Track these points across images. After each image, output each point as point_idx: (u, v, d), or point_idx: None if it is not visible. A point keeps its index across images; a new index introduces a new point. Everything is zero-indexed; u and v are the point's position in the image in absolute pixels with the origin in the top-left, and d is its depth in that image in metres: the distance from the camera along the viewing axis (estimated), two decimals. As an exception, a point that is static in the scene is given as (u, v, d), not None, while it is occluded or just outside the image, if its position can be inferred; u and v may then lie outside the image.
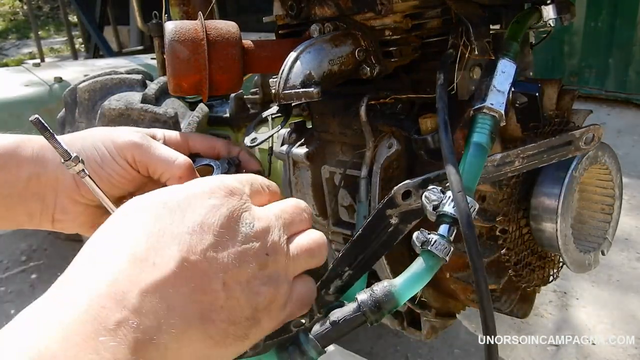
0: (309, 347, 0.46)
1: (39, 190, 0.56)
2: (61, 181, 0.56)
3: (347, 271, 0.58)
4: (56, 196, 0.57)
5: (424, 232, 0.52)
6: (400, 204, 0.59)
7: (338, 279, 0.58)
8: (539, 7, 0.72)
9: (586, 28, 4.68)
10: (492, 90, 0.63)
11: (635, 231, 2.65)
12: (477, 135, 0.61)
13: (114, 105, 1.47)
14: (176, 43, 0.67)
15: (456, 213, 0.52)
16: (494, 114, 0.62)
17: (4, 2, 13.39)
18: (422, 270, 0.51)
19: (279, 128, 0.76)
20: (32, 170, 0.55)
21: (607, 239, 0.79)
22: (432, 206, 0.55)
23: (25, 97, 2.44)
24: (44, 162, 0.55)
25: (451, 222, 0.53)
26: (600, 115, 4.46)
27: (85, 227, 0.60)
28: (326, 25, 0.77)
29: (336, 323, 0.48)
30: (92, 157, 0.56)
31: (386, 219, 0.59)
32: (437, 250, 0.51)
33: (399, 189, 0.59)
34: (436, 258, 0.51)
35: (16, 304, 2.53)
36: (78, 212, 0.58)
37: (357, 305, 0.49)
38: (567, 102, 0.77)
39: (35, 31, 6.50)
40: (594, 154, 0.72)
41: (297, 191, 0.91)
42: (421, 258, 0.52)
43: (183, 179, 0.57)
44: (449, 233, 0.53)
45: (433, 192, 0.55)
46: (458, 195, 0.52)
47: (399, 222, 0.59)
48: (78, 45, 7.38)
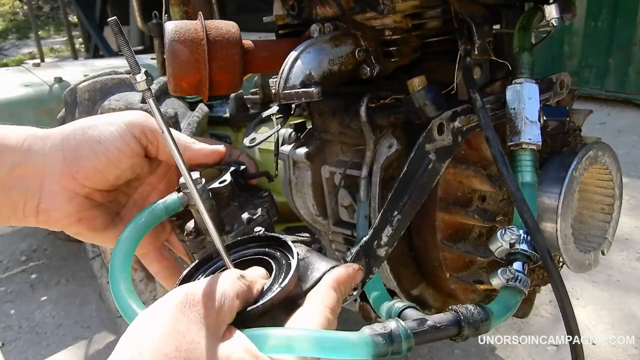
0: (403, 340, 0.47)
1: (23, 180, 0.53)
2: (49, 168, 0.54)
3: (396, 216, 0.62)
4: (42, 184, 0.54)
5: (510, 270, 0.59)
6: (437, 139, 0.64)
7: (389, 225, 0.62)
8: (541, 7, 0.72)
9: (586, 28, 4.68)
10: (526, 122, 0.65)
11: (635, 231, 2.65)
12: (524, 176, 0.64)
13: (114, 105, 1.47)
14: (176, 43, 0.67)
15: (530, 250, 0.60)
16: (533, 147, 0.64)
17: (4, 2, 13.39)
18: (512, 303, 0.59)
19: (278, 128, 0.76)
20: (16, 159, 0.53)
21: (607, 239, 0.79)
22: (510, 244, 0.61)
23: (25, 97, 2.44)
24: (30, 151, 0.53)
25: (525, 259, 0.60)
26: (600, 115, 4.46)
27: (71, 219, 0.56)
28: (326, 25, 0.77)
29: (435, 328, 0.50)
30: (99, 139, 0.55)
31: (425, 155, 0.64)
32: (522, 285, 0.59)
33: (435, 122, 0.63)
34: (522, 293, 0.59)
35: (16, 304, 2.53)
36: (65, 200, 0.55)
37: (457, 317, 0.52)
38: (567, 102, 0.77)
39: (35, 31, 6.50)
40: (594, 154, 0.72)
41: (297, 191, 0.91)
42: (508, 292, 0.59)
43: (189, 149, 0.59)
44: (524, 268, 0.60)
45: (512, 230, 0.61)
46: (537, 235, 0.59)
47: (435, 159, 0.64)
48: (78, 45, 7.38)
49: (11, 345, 2.26)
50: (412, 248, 0.85)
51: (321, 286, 0.46)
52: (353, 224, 0.85)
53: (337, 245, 0.93)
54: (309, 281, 0.47)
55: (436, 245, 0.77)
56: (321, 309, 0.43)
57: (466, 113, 0.65)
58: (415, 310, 0.59)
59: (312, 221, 0.95)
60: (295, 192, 0.91)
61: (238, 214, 0.58)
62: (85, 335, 2.30)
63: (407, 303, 0.61)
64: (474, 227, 0.77)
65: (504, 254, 0.62)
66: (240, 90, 1.13)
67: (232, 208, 0.58)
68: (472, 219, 0.72)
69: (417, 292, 0.89)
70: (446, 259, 0.77)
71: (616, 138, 3.94)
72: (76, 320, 2.40)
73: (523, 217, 0.58)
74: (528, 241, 0.60)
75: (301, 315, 0.43)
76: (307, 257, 0.50)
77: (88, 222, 0.57)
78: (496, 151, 0.61)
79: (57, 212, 0.55)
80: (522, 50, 0.69)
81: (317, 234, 1.05)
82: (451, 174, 0.74)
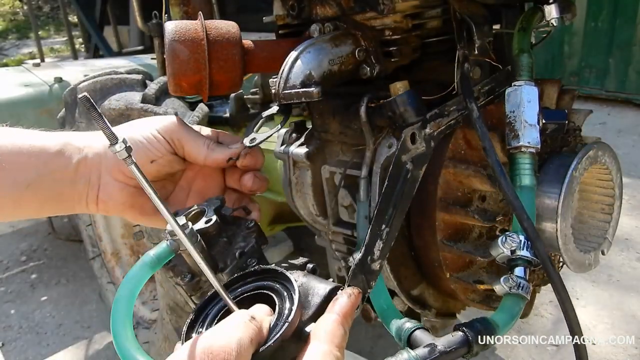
0: None
1: (85, 173, 0.64)
2: (104, 163, 0.65)
3: (384, 229, 0.63)
4: (100, 177, 0.65)
5: (513, 278, 0.60)
6: (411, 148, 0.65)
7: (379, 239, 0.62)
8: (541, 7, 0.72)
9: (586, 28, 4.68)
10: (525, 126, 0.64)
11: (635, 231, 2.65)
12: (523, 179, 0.64)
13: (114, 105, 1.47)
14: (176, 43, 0.67)
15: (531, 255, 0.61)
16: (532, 150, 0.64)
17: (4, 2, 13.39)
18: (516, 311, 0.60)
19: (278, 128, 0.76)
20: (80, 156, 0.64)
21: (607, 239, 0.79)
22: (510, 251, 0.62)
23: (25, 97, 2.44)
24: (90, 148, 0.65)
25: (526, 265, 0.61)
26: (600, 115, 4.46)
27: (125, 206, 0.67)
28: (326, 25, 0.77)
29: (446, 352, 0.52)
30: (137, 138, 0.65)
31: (402, 165, 0.64)
32: (524, 292, 0.59)
33: (407, 132, 0.64)
34: (524, 299, 0.60)
35: (16, 304, 2.53)
36: (118, 190, 0.65)
37: (465, 337, 0.54)
38: (567, 102, 0.77)
39: (35, 31, 6.50)
40: (594, 154, 0.72)
41: (297, 191, 0.91)
42: (511, 299, 0.60)
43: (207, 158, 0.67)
44: (525, 274, 0.61)
45: (512, 238, 0.62)
46: (538, 242, 0.59)
47: (413, 168, 0.65)
48: (78, 45, 7.38)
49: (11, 345, 2.26)
50: (412, 248, 0.85)
51: (328, 322, 0.47)
52: (353, 224, 0.85)
53: (337, 245, 0.94)
54: (310, 307, 0.49)
55: (436, 245, 0.77)
56: (331, 348, 0.44)
57: (435, 118, 0.67)
58: (424, 332, 0.59)
59: (312, 221, 0.95)
60: (295, 192, 0.91)
61: (228, 249, 0.58)
62: (85, 335, 2.30)
63: (415, 324, 0.61)
64: (474, 227, 0.77)
65: (505, 260, 0.62)
66: (240, 90, 1.13)
67: (222, 244, 0.58)
68: (472, 219, 0.72)
69: (417, 292, 0.89)
70: (446, 259, 0.77)
71: (616, 138, 3.94)
72: (76, 320, 2.40)
73: (523, 225, 0.58)
74: (529, 246, 0.61)
75: (312, 356, 0.44)
76: (305, 282, 0.51)
77: (140, 208, 0.68)
78: (494, 161, 0.61)
79: (112, 201, 0.66)
80: (522, 52, 0.68)
81: (317, 234, 1.05)
82: (451, 174, 0.74)
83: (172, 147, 0.67)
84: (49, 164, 0.62)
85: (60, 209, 0.66)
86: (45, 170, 0.61)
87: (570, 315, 0.57)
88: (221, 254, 0.57)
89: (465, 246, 0.75)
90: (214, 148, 0.68)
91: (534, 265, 0.61)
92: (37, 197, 0.62)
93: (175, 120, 0.68)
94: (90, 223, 2.00)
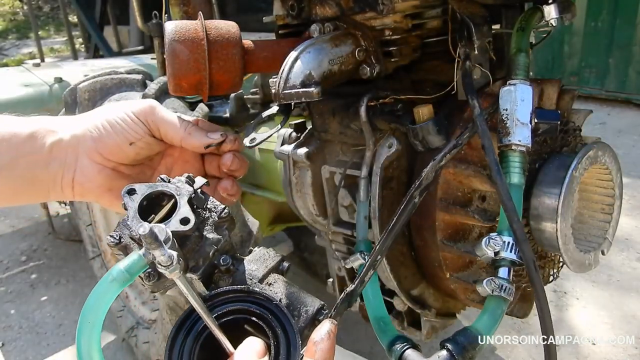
0: None
1: (60, 155, 0.63)
2: (81, 146, 0.63)
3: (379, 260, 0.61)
4: (77, 159, 0.64)
5: (495, 280, 0.59)
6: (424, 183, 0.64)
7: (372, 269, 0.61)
8: (540, 7, 0.72)
9: (586, 28, 4.68)
10: (517, 124, 0.64)
11: (635, 231, 2.65)
12: (512, 177, 0.64)
13: (114, 105, 1.47)
14: (176, 43, 0.67)
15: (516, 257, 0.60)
16: (522, 148, 0.64)
17: (4, 2, 13.39)
18: (498, 313, 0.59)
19: (278, 128, 0.76)
20: (54, 139, 0.62)
21: (607, 238, 0.79)
22: (494, 252, 0.61)
23: (25, 97, 2.44)
24: (66, 130, 0.63)
25: (510, 265, 0.60)
26: (600, 115, 4.46)
27: (102, 189, 0.65)
28: (326, 25, 0.77)
29: None
30: (114, 120, 0.64)
31: (411, 199, 0.64)
32: (507, 294, 0.59)
33: (428, 171, 0.64)
34: (507, 301, 0.59)
35: (16, 304, 2.53)
36: (95, 172, 0.64)
37: (450, 355, 0.54)
38: (567, 102, 0.77)
39: (36, 31, 6.50)
40: (594, 154, 0.72)
41: (297, 191, 0.91)
42: (494, 302, 0.60)
43: (184, 140, 0.66)
44: (509, 275, 0.60)
45: (495, 240, 0.61)
46: (524, 245, 0.58)
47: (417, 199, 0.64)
48: (78, 45, 7.38)
49: (11, 345, 2.26)
50: (412, 248, 0.85)
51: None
52: (353, 224, 0.85)
53: (337, 245, 0.93)
54: (301, 318, 0.50)
55: (436, 245, 0.77)
56: None
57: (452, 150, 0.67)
58: (414, 351, 0.60)
59: (312, 221, 0.95)
60: (296, 192, 0.92)
61: (200, 244, 0.52)
62: (85, 335, 2.29)
63: (405, 343, 0.62)
64: (474, 227, 0.77)
65: (489, 261, 0.62)
66: (240, 90, 1.13)
67: (193, 239, 0.52)
68: (472, 219, 0.72)
69: (417, 292, 0.89)
70: (446, 259, 0.77)
71: (616, 138, 3.94)
72: (76, 320, 2.39)
73: (512, 226, 0.58)
74: (513, 248, 0.61)
75: None
76: (290, 293, 0.52)
77: (117, 192, 0.65)
78: (492, 160, 0.61)
79: (89, 183, 0.65)
80: (519, 52, 0.68)
81: (317, 234, 1.05)
82: (451, 174, 0.74)
83: (149, 128, 0.66)
84: (21, 147, 0.61)
85: (35, 195, 0.65)
86: (17, 154, 0.60)
87: (545, 317, 0.58)
88: (193, 251, 0.52)
89: (465, 246, 0.75)
90: (191, 132, 0.66)
91: (518, 265, 0.61)
92: (10, 183, 0.61)
93: (152, 103, 0.67)
94: (91, 223, 2.00)
